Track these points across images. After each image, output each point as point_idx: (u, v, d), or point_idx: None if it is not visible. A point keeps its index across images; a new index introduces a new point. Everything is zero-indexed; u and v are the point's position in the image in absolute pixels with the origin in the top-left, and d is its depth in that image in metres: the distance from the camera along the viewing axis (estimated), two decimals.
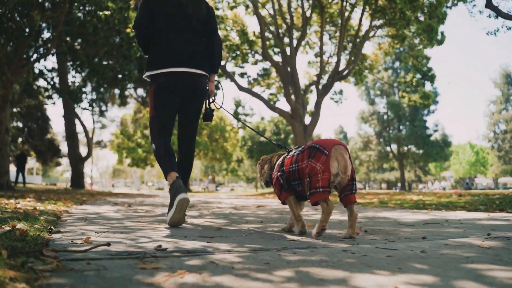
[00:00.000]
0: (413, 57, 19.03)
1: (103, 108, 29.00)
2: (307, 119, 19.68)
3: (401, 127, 47.03)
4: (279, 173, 2.73)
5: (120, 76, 15.26)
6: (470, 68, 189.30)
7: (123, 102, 24.59)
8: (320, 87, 18.97)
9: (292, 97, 18.46)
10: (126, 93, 25.13)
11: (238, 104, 25.49)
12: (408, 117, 45.12)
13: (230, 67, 23.00)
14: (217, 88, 4.00)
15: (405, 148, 46.54)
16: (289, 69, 18.82)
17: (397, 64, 46.95)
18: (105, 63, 15.12)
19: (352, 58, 18.66)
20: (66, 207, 4.85)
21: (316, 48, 24.88)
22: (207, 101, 3.64)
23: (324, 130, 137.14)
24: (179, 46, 3.40)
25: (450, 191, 37.88)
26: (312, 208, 5.57)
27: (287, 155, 2.76)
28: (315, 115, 18.47)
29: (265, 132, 50.33)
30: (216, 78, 3.79)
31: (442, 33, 16.29)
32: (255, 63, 23.71)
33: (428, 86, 31.35)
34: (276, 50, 22.20)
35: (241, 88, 20.45)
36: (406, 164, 49.76)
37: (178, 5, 3.44)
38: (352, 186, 2.48)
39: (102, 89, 21.95)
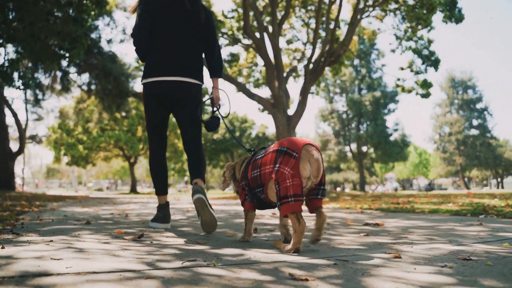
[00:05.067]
0: (412, 39, 16.88)
1: (39, 96, 24.49)
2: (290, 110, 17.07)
3: (360, 126, 45.93)
4: (244, 182, 2.45)
5: (66, 46, 11.67)
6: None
7: (65, 88, 20.51)
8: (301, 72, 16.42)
9: (275, 83, 15.70)
10: (68, 78, 21.14)
11: (204, 92, 22.37)
12: (370, 115, 44.01)
13: None
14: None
15: (364, 148, 45.49)
16: (271, 51, 16.08)
17: (356, 61, 45.91)
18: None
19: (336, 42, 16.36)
20: None
21: (288, 34, 22.58)
22: (213, 109, 3.44)
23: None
24: (172, 55, 3.29)
25: (411, 191, 37.20)
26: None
27: (250, 160, 2.46)
28: (302, 104, 15.83)
29: (217, 130, 47.44)
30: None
31: (459, 10, 14.28)
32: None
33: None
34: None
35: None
36: (364, 164, 48.88)
37: (178, 13, 3.32)
38: (318, 191, 2.15)
39: (39, 71, 18.03)
